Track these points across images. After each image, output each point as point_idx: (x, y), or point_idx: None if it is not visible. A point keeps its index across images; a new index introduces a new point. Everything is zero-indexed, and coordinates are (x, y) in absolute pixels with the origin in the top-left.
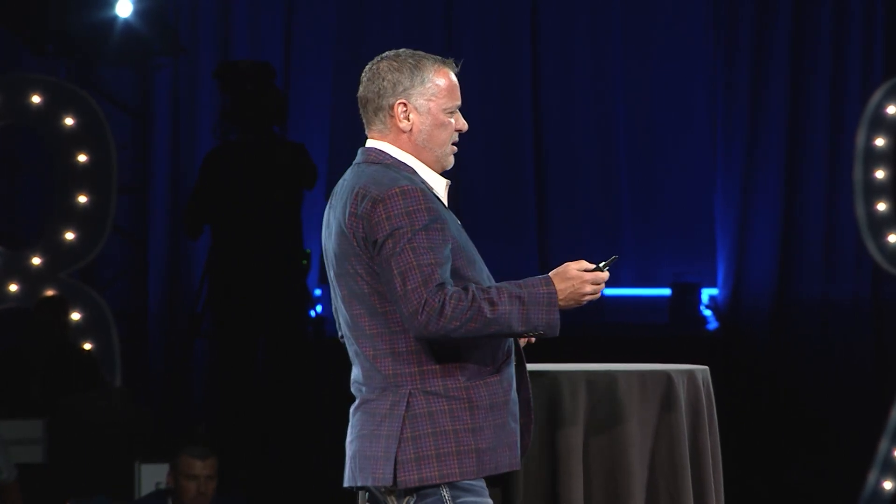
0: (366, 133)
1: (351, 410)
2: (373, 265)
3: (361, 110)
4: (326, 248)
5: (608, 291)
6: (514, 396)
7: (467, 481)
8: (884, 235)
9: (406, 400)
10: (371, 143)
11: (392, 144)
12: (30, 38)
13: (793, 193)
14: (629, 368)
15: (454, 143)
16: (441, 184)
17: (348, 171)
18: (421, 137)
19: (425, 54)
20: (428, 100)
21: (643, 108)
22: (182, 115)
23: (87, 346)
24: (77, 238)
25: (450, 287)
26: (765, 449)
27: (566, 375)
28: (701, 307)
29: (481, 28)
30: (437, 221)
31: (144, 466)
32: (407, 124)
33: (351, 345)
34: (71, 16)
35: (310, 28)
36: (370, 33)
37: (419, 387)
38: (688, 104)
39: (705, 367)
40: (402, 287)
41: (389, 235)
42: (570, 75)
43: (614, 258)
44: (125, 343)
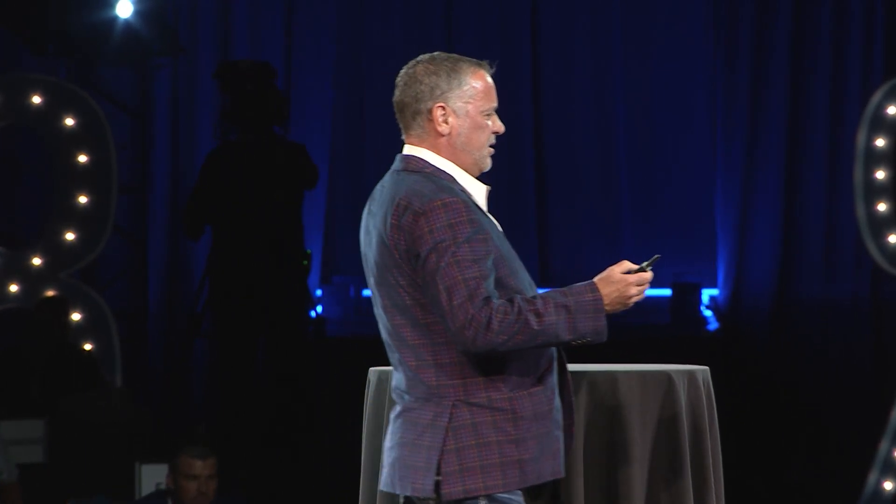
0: (402, 138)
1: (392, 416)
2: (415, 277)
3: (398, 115)
4: (367, 256)
5: None
6: (558, 403)
7: (507, 494)
8: (884, 236)
9: (449, 411)
10: (409, 150)
11: (430, 150)
12: (30, 38)
13: (793, 193)
14: (630, 369)
15: (491, 146)
16: (481, 190)
17: (387, 177)
18: (460, 140)
19: (461, 56)
20: (466, 102)
21: (643, 109)
22: (182, 116)
23: (87, 347)
24: (77, 238)
25: (495, 300)
26: (765, 449)
27: None
28: (701, 307)
29: (481, 28)
30: (480, 233)
31: (144, 466)
32: (446, 128)
33: (393, 353)
34: (71, 16)
35: (310, 28)
36: (370, 33)
37: (463, 398)
38: (688, 104)
39: (706, 368)
40: (448, 303)
41: (433, 249)
42: (570, 75)
43: (657, 257)
44: (125, 343)
